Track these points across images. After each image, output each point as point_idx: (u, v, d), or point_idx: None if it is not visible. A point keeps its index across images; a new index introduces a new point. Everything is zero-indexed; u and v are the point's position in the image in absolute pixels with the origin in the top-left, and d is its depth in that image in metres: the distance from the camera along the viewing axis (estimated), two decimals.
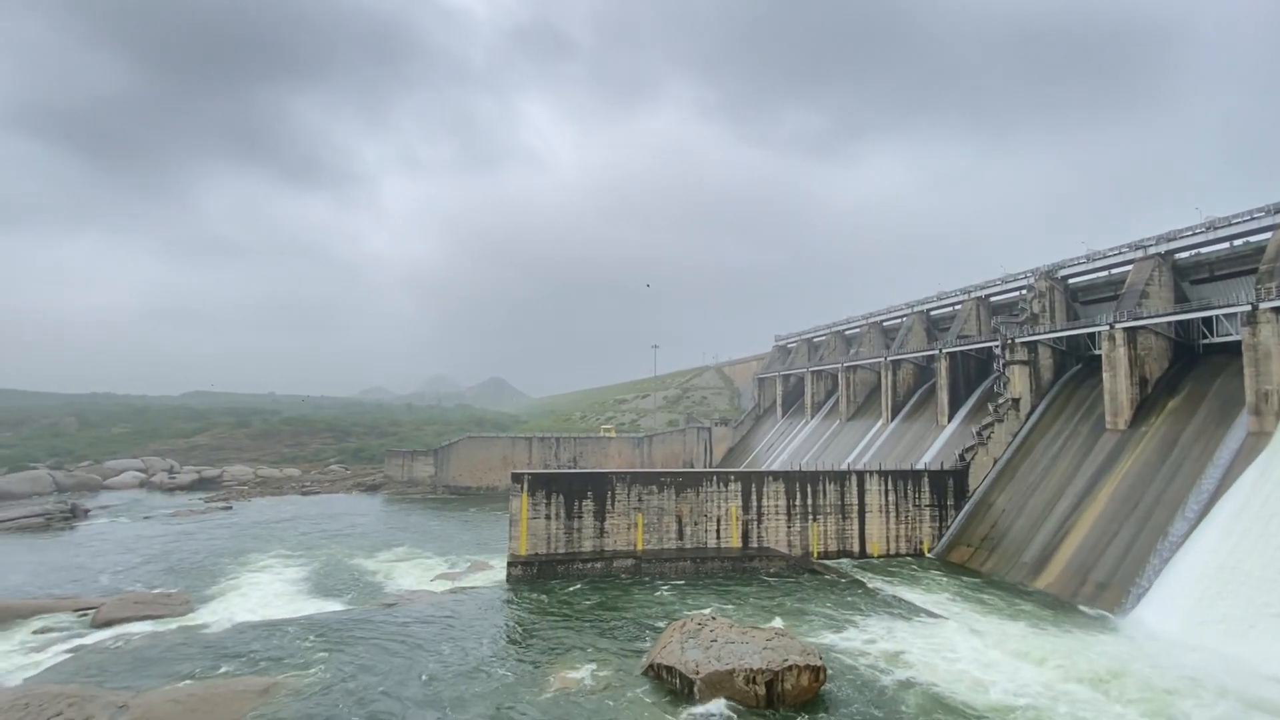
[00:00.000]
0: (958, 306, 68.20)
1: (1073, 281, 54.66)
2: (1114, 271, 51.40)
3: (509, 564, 40.88)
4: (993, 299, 64.72)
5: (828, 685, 23.50)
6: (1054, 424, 48.76)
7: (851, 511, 47.38)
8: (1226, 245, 43.43)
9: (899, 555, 47.42)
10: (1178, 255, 46.15)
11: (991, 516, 46.12)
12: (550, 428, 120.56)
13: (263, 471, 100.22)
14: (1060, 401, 50.40)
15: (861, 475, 48.26)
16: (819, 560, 44.92)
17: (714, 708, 21.96)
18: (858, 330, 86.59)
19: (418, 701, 23.08)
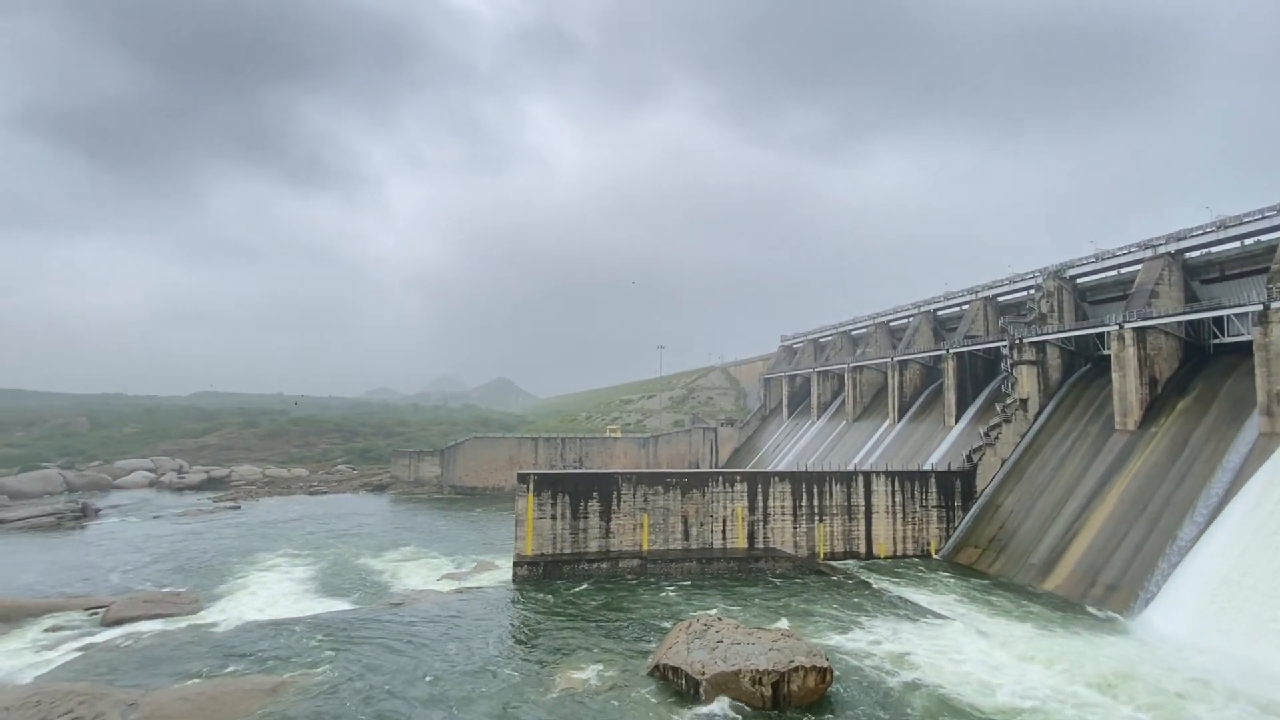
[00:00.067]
0: (965, 306, 67.90)
1: (1081, 281, 54.33)
2: (1123, 271, 51.08)
3: (515, 564, 40.96)
4: (1000, 299, 64.44)
5: (834, 687, 23.44)
6: (1062, 424, 48.47)
7: (858, 512, 47.21)
8: (1237, 244, 43.09)
9: (906, 556, 47.20)
10: (1188, 254, 45.82)
11: (999, 518, 45.88)
12: (556, 428, 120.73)
13: (271, 471, 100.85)
14: (1069, 402, 50.10)
15: (868, 476, 48.08)
16: (825, 561, 44.80)
17: (720, 708, 21.91)
18: (864, 330, 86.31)
19: (424, 701, 23.18)
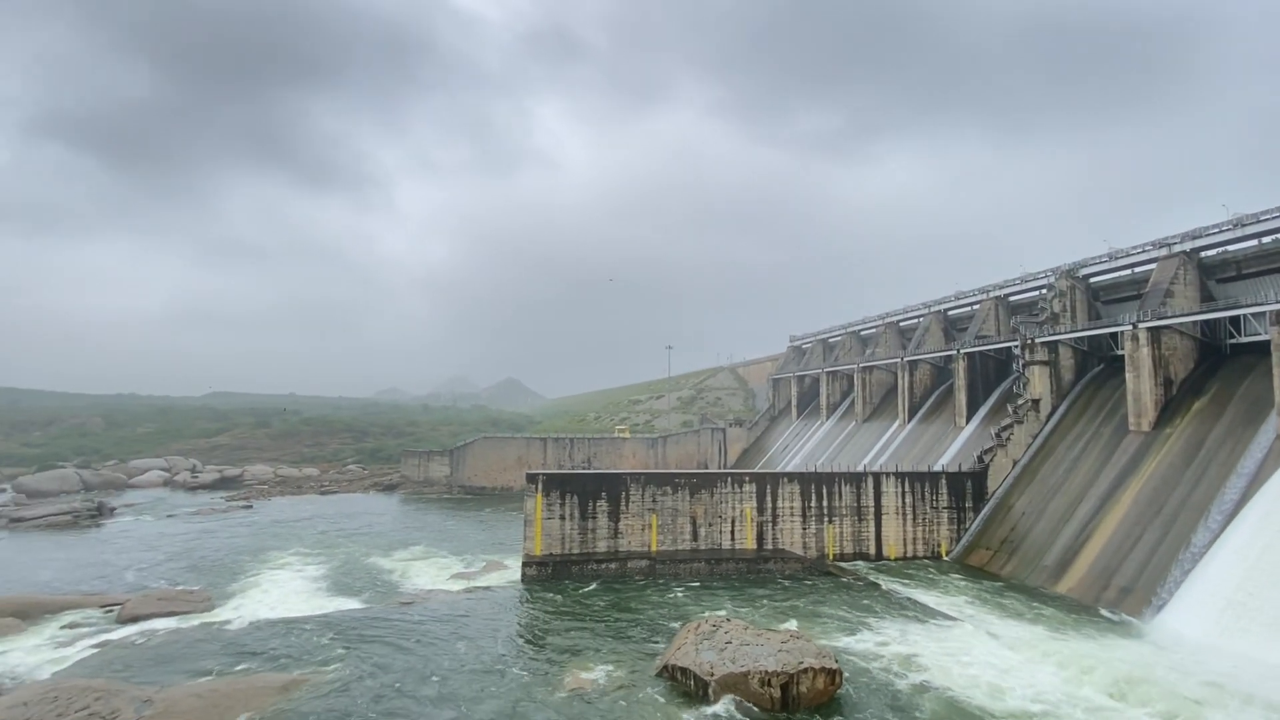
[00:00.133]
0: (976, 306, 67.43)
1: (1094, 280, 53.77)
2: (1137, 270, 50.48)
3: (524, 564, 41.10)
4: (1011, 299, 63.91)
5: (843, 688, 23.34)
6: (1075, 425, 47.99)
7: (867, 513, 46.97)
8: (1255, 243, 42.50)
9: (916, 558, 46.91)
10: (1204, 253, 45.25)
11: (1011, 519, 45.49)
12: (565, 428, 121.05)
13: (282, 471, 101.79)
14: (1082, 403, 49.59)
15: (878, 477, 47.82)
16: (834, 562, 44.61)
17: (728, 710, 21.89)
18: (874, 330, 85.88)
19: (433, 700, 23.31)
